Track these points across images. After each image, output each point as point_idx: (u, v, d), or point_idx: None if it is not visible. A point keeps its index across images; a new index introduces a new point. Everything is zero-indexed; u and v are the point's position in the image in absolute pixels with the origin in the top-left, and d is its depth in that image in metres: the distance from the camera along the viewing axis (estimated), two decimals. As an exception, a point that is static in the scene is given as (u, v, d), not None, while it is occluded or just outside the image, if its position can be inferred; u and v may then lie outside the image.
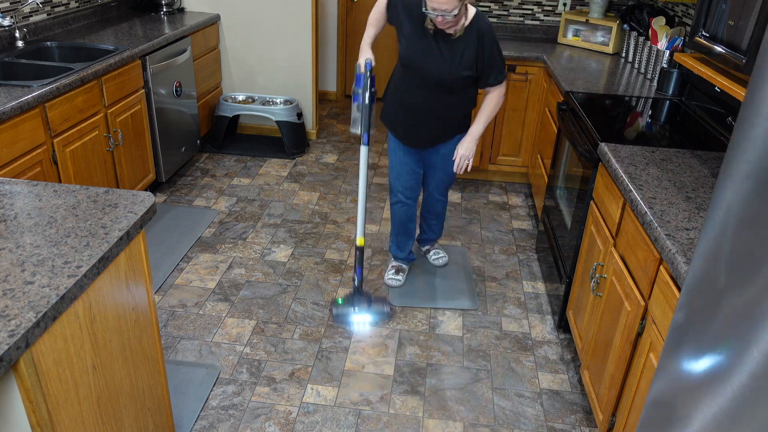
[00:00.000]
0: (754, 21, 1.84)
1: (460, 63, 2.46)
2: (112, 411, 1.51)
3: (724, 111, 2.43)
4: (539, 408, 2.32)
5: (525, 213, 3.77)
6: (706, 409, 1.07)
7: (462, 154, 2.61)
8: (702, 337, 1.11)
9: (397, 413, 2.26)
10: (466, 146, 2.60)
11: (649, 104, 2.82)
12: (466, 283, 3.04)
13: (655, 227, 1.67)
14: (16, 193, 1.58)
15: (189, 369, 2.40)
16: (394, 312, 2.76)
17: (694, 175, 2.00)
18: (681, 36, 3.10)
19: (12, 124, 2.33)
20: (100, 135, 2.94)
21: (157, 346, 1.75)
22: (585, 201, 2.41)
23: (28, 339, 1.12)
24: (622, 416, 1.86)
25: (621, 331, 1.91)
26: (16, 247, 1.35)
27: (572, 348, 2.64)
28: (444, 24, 2.34)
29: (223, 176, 4.01)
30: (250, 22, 4.36)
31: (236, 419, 2.20)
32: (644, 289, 1.76)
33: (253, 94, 4.58)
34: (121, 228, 1.44)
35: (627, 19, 3.70)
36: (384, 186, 4.01)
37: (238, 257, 3.15)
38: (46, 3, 3.41)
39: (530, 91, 3.80)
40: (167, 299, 2.80)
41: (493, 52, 2.46)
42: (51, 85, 2.53)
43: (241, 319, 2.70)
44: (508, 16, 4.24)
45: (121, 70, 3.07)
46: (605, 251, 2.13)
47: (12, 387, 1.15)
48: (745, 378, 0.97)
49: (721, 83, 2.03)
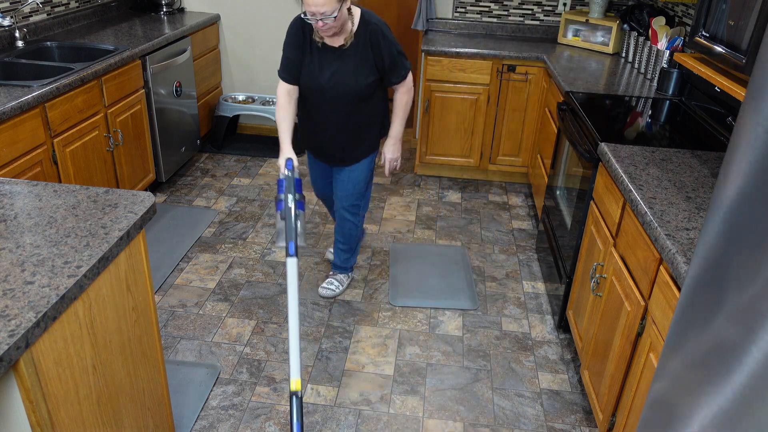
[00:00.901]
0: (754, 21, 1.84)
1: (360, 71, 2.35)
2: (112, 411, 1.51)
3: (724, 111, 2.43)
4: (539, 408, 2.32)
5: (525, 213, 3.77)
6: (706, 409, 1.07)
7: (389, 158, 2.61)
8: (702, 337, 1.11)
9: (397, 413, 2.26)
10: (391, 149, 2.59)
11: (649, 104, 2.82)
12: (466, 283, 3.04)
13: (655, 227, 1.67)
14: (16, 193, 1.58)
15: (189, 369, 2.40)
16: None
17: (694, 175, 2.00)
18: (681, 36, 3.10)
19: (12, 124, 2.33)
20: (100, 135, 2.94)
21: (157, 346, 1.74)
22: (585, 201, 2.41)
23: (28, 339, 1.12)
24: (622, 416, 1.86)
25: (621, 331, 1.91)
26: (16, 247, 1.35)
27: (572, 348, 2.64)
28: (328, 30, 2.22)
29: (223, 176, 4.01)
30: (250, 22, 4.36)
31: (236, 419, 2.20)
32: (644, 289, 1.76)
33: (253, 94, 4.58)
34: (121, 228, 1.44)
35: (627, 19, 3.70)
36: (384, 186, 4.01)
37: (238, 257, 3.15)
38: (46, 3, 3.41)
39: (530, 91, 3.81)
40: (167, 299, 2.80)
41: (390, 49, 2.35)
42: (51, 85, 2.53)
43: (241, 319, 2.70)
44: (508, 16, 4.24)
45: (121, 70, 3.07)
46: (605, 251, 2.13)
47: (12, 387, 1.14)
48: (745, 378, 0.97)
49: (721, 83, 2.03)
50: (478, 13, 4.25)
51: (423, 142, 4.02)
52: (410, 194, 3.92)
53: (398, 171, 2.60)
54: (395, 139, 2.58)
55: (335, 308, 2.81)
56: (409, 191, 3.96)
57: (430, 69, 3.80)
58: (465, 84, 3.82)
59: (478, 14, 4.25)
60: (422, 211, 3.71)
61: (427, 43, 3.84)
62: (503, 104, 3.86)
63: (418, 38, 5.48)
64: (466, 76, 3.79)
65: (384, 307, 2.83)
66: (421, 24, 4.20)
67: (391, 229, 3.50)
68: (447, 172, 4.19)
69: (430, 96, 3.87)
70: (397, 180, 4.11)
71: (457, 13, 4.27)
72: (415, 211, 3.72)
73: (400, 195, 3.90)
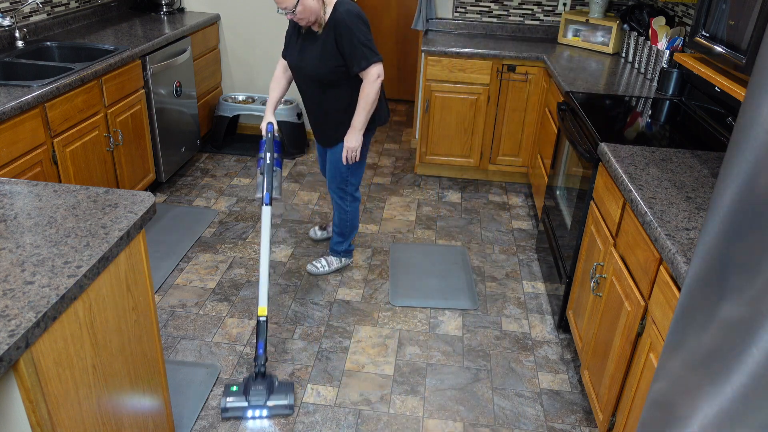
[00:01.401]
0: (754, 21, 1.84)
1: (324, 56, 2.52)
2: (112, 411, 1.51)
3: (724, 111, 2.43)
4: (539, 408, 2.32)
5: (525, 213, 3.77)
6: (706, 409, 1.07)
7: (347, 147, 2.68)
8: (702, 337, 1.11)
9: (397, 413, 2.26)
10: (350, 138, 2.67)
11: (649, 104, 2.82)
12: (466, 283, 3.04)
13: (655, 227, 1.67)
14: (16, 193, 1.58)
15: (189, 369, 2.40)
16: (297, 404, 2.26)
17: (694, 175, 2.00)
18: (681, 36, 3.10)
19: (12, 124, 2.33)
20: (100, 135, 2.94)
21: (157, 346, 1.75)
22: (585, 201, 2.41)
23: (28, 339, 1.12)
24: (622, 416, 1.86)
25: (621, 331, 1.91)
26: (16, 247, 1.35)
27: (572, 348, 2.64)
28: (299, 20, 2.44)
29: (223, 176, 4.01)
30: (250, 22, 4.36)
31: (236, 419, 2.20)
32: (644, 289, 1.76)
33: (253, 94, 4.58)
34: (121, 228, 1.44)
35: (627, 19, 3.70)
36: (384, 186, 4.01)
37: (238, 257, 3.15)
38: (46, 3, 3.41)
39: (530, 91, 3.81)
40: (167, 299, 2.80)
41: (351, 40, 2.46)
42: (51, 85, 2.53)
43: (241, 319, 2.70)
44: (508, 16, 4.24)
45: (121, 70, 3.07)
46: (605, 251, 2.13)
47: (12, 387, 1.14)
48: (745, 378, 0.97)
49: (721, 83, 2.03)
50: (478, 13, 4.25)
51: (423, 142, 4.02)
52: (410, 194, 3.92)
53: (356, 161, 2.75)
54: (354, 129, 2.65)
55: (335, 308, 2.81)
56: (409, 191, 3.96)
57: (430, 69, 3.80)
58: (465, 84, 3.82)
59: (478, 14, 4.25)
60: (422, 211, 3.71)
61: (427, 43, 3.84)
62: (503, 104, 3.86)
63: (418, 38, 5.49)
64: (466, 76, 3.79)
65: (384, 307, 2.83)
66: (421, 24, 4.20)
67: (391, 229, 3.50)
68: (447, 172, 4.19)
69: (430, 96, 3.87)
70: (397, 180, 4.11)
71: (457, 13, 4.27)
72: (415, 211, 3.72)
73: (400, 195, 3.90)
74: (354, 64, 2.50)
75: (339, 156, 2.76)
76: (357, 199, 2.92)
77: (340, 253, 3.06)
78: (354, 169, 2.81)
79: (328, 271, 3.05)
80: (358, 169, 2.83)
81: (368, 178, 4.12)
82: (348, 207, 2.91)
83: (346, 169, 2.80)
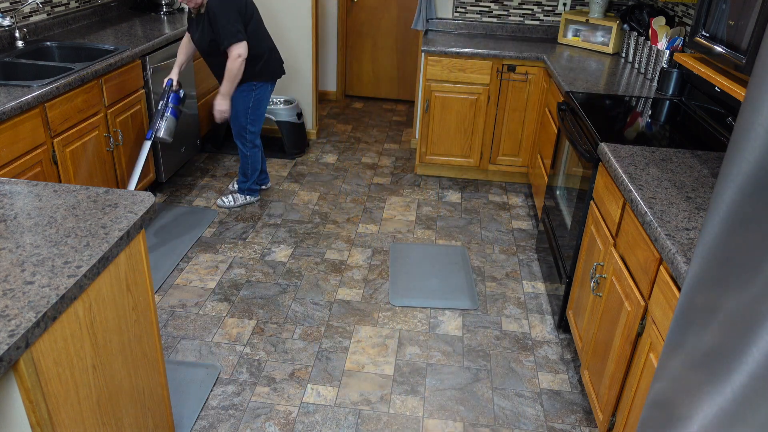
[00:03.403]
0: (754, 21, 1.84)
1: (203, 33, 3.12)
2: (112, 411, 1.51)
3: (724, 111, 2.43)
4: (539, 408, 2.32)
5: (525, 213, 3.77)
6: (706, 409, 1.07)
7: (215, 108, 3.29)
8: (702, 337, 1.11)
9: (397, 413, 2.26)
10: (217, 101, 3.27)
11: (649, 104, 2.82)
12: (466, 283, 3.04)
13: (655, 227, 1.67)
14: (16, 193, 1.58)
15: (189, 369, 2.40)
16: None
17: (694, 175, 2.00)
18: (681, 36, 3.10)
19: (12, 124, 2.33)
20: (100, 135, 2.94)
21: (157, 346, 1.75)
22: (585, 201, 2.41)
23: (28, 339, 1.12)
24: (622, 416, 1.86)
25: (621, 331, 1.91)
26: (16, 247, 1.35)
27: (572, 348, 2.64)
28: (188, 3, 3.02)
29: (223, 176, 4.01)
30: (250, 22, 4.36)
31: (236, 419, 2.20)
32: (644, 289, 1.76)
33: (253, 94, 4.57)
34: (121, 228, 1.44)
35: (627, 19, 3.70)
36: (384, 186, 4.01)
37: (238, 257, 3.15)
38: (46, 3, 3.41)
39: (530, 91, 3.81)
40: (167, 299, 2.80)
41: (218, 21, 3.03)
42: (51, 85, 2.53)
43: (241, 319, 2.70)
44: (508, 16, 4.24)
45: (121, 70, 3.07)
46: (605, 251, 2.13)
47: (12, 387, 1.15)
48: (745, 378, 0.97)
49: (721, 83, 2.03)
50: (478, 13, 4.25)
51: (423, 142, 4.02)
52: (410, 194, 3.92)
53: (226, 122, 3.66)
54: (221, 94, 3.26)
55: (335, 308, 2.81)
56: (409, 191, 3.96)
57: (430, 69, 3.80)
58: (465, 84, 3.82)
59: (478, 14, 4.25)
60: (422, 211, 3.71)
61: (427, 43, 3.84)
62: (503, 104, 3.86)
63: (418, 38, 5.49)
64: (466, 76, 3.79)
65: (384, 307, 2.83)
66: (421, 24, 4.20)
67: (391, 229, 3.50)
68: (447, 172, 4.19)
69: (430, 96, 3.87)
70: (397, 180, 4.11)
71: (457, 13, 4.27)
72: (415, 211, 3.72)
73: (400, 195, 3.90)
74: (221, 43, 3.09)
75: (236, 110, 3.36)
76: (257, 146, 3.51)
77: (244, 191, 3.61)
78: (252, 119, 3.40)
79: (234, 205, 3.59)
80: (256, 121, 3.42)
81: (368, 178, 4.12)
82: (248, 152, 3.50)
83: (244, 119, 3.39)
